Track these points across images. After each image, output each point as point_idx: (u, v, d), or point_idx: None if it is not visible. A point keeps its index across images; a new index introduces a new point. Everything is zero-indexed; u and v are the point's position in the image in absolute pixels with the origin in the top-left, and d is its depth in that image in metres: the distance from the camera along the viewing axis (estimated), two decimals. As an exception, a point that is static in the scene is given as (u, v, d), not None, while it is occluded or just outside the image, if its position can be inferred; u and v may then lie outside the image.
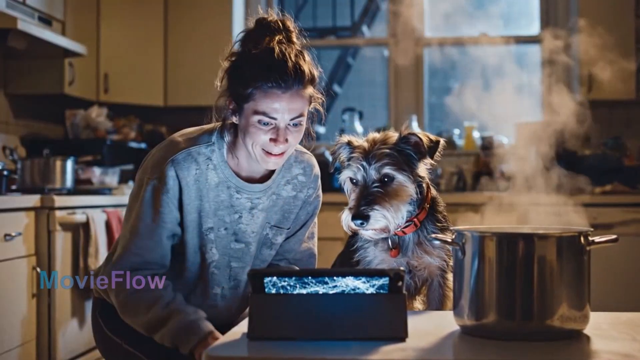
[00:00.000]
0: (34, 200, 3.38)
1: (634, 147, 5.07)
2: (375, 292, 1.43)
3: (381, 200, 1.76)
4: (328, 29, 6.66)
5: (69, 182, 3.94)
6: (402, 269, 1.45)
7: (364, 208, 1.74)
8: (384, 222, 1.76)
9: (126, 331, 1.93)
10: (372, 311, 1.42)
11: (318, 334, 1.41)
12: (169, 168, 1.86)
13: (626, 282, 4.33)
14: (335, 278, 1.42)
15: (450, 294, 1.83)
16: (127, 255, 1.87)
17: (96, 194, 4.13)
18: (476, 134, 5.32)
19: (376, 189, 1.77)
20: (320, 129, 1.71)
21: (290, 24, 1.88)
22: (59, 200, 3.48)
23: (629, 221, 4.39)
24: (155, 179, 1.87)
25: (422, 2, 5.51)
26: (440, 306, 1.90)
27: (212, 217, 1.93)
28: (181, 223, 1.92)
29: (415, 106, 5.47)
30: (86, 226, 3.66)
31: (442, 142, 1.85)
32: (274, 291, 1.43)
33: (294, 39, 1.87)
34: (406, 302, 1.44)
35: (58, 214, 3.46)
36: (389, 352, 1.34)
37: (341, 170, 1.87)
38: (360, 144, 1.85)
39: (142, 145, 5.08)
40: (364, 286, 1.42)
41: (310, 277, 1.43)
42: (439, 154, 1.85)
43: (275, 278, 1.43)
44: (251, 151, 1.86)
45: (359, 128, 5.41)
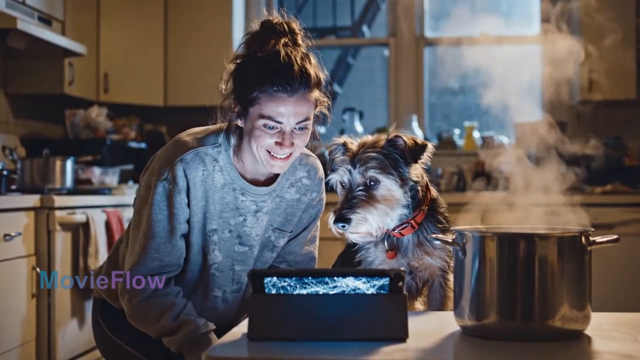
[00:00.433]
0: (33, 200, 3.38)
1: (635, 146, 5.06)
2: (375, 293, 1.42)
3: (364, 204, 1.75)
4: (328, 28, 6.66)
5: (68, 182, 3.93)
6: (402, 269, 1.45)
7: (345, 211, 1.75)
8: (365, 225, 1.76)
9: (126, 332, 1.93)
10: (373, 311, 1.41)
11: (318, 334, 1.40)
12: (178, 168, 1.85)
13: (626, 282, 4.33)
14: (336, 278, 1.42)
15: (451, 294, 1.83)
16: (145, 260, 1.85)
17: (96, 194, 4.12)
18: (476, 134, 5.32)
19: (360, 192, 1.77)
20: (320, 129, 1.71)
21: (296, 26, 1.86)
22: (59, 200, 3.47)
23: (629, 221, 4.39)
24: (165, 180, 1.84)
25: (422, 1, 5.52)
26: (441, 307, 1.89)
27: (216, 219, 1.91)
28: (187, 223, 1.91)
29: (415, 106, 5.47)
30: (86, 226, 3.65)
31: (429, 146, 1.83)
32: (274, 291, 1.43)
33: (300, 41, 1.85)
34: (407, 303, 1.44)
35: (58, 214, 3.46)
36: (389, 353, 1.33)
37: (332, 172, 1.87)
38: (351, 147, 1.84)
39: (142, 145, 5.07)
40: (364, 286, 1.42)
41: (311, 278, 1.42)
42: (428, 157, 1.83)
43: (275, 278, 1.43)
44: (256, 154, 1.84)
45: (359, 128, 5.40)
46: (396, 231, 1.85)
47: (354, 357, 1.31)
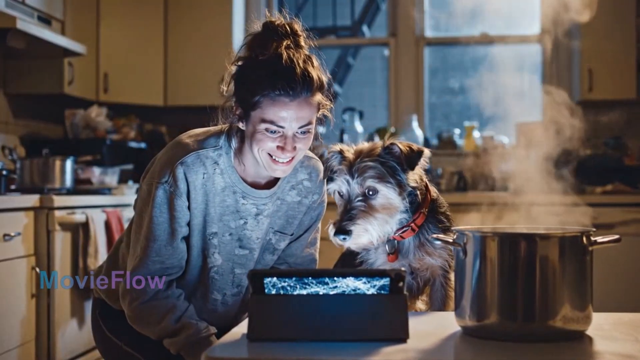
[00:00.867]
0: (33, 200, 3.37)
1: (635, 146, 5.06)
2: (376, 293, 1.42)
3: (364, 215, 1.74)
4: (328, 28, 6.66)
5: (68, 182, 3.93)
6: (403, 269, 1.44)
7: (346, 223, 1.73)
8: (366, 236, 1.75)
9: (126, 332, 1.93)
10: (373, 312, 1.41)
11: (318, 335, 1.40)
12: (178, 170, 1.83)
13: (627, 282, 4.33)
14: (336, 279, 1.42)
15: (453, 293, 1.82)
16: (147, 263, 1.84)
17: (96, 193, 4.12)
18: (476, 133, 5.31)
19: (360, 202, 1.76)
20: (320, 129, 1.70)
21: (298, 27, 1.83)
22: (59, 200, 3.47)
23: (629, 221, 4.38)
24: (166, 182, 1.83)
25: (422, 1, 5.51)
26: (443, 306, 1.89)
27: (216, 222, 1.90)
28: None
29: (415, 106, 5.47)
30: (86, 226, 3.65)
31: (425, 152, 1.82)
32: (274, 292, 1.42)
33: (302, 42, 1.82)
34: (407, 303, 1.43)
35: (57, 213, 3.45)
36: (390, 353, 1.33)
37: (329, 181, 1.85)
38: (348, 155, 1.82)
39: (142, 145, 5.07)
40: (364, 287, 1.42)
41: (311, 278, 1.42)
42: (424, 163, 1.82)
43: (275, 279, 1.42)
44: (258, 157, 1.83)
45: (359, 128, 5.40)
46: (397, 234, 1.84)
47: (354, 358, 1.31)
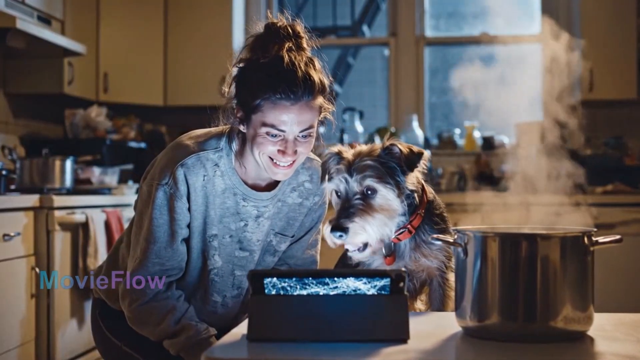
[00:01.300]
0: (33, 200, 3.37)
1: (635, 146, 5.06)
2: (376, 293, 1.41)
3: (362, 213, 1.70)
4: (328, 28, 6.66)
5: (68, 182, 3.93)
6: (403, 269, 1.44)
7: (343, 220, 1.69)
8: (364, 235, 1.70)
9: (126, 333, 1.92)
10: (374, 312, 1.40)
11: (318, 335, 1.39)
12: (179, 172, 1.82)
13: (627, 282, 4.32)
14: (336, 279, 1.41)
15: (451, 293, 1.82)
16: (147, 265, 1.83)
17: (95, 193, 4.12)
18: (477, 133, 5.31)
19: (358, 201, 1.72)
20: (321, 129, 1.69)
21: (300, 29, 1.82)
22: (58, 200, 3.46)
23: (630, 221, 4.38)
24: (166, 184, 1.83)
25: (422, 1, 5.51)
26: (441, 306, 1.88)
27: (216, 224, 1.90)
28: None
29: (415, 106, 5.46)
30: (85, 226, 3.65)
31: (425, 154, 1.80)
32: (274, 292, 1.42)
33: (304, 45, 1.81)
34: (408, 303, 1.43)
35: (57, 213, 3.45)
36: (390, 354, 1.32)
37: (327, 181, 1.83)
38: (346, 156, 1.79)
39: (142, 145, 5.06)
40: (365, 287, 1.41)
41: (311, 278, 1.41)
42: (424, 165, 1.81)
43: (275, 279, 1.42)
44: (259, 160, 1.82)
45: (359, 128, 5.40)
46: (394, 236, 1.83)
47: (354, 359, 1.30)
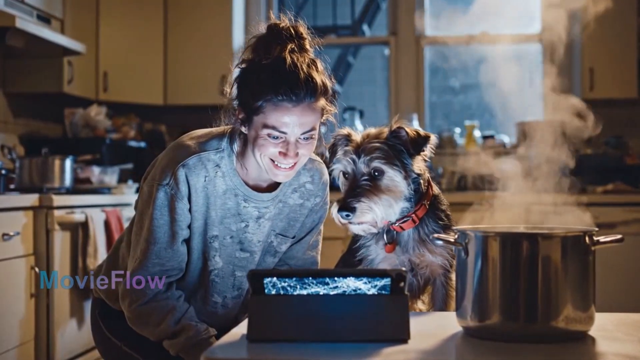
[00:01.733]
0: (32, 199, 3.36)
1: (636, 146, 5.05)
2: (377, 293, 1.41)
3: (369, 194, 1.75)
4: (328, 27, 6.65)
5: (67, 181, 3.92)
6: (404, 269, 1.43)
7: (350, 200, 1.74)
8: (370, 215, 1.75)
9: (125, 333, 1.92)
10: (374, 312, 1.40)
11: (319, 335, 1.39)
12: (180, 173, 1.82)
13: (628, 282, 4.32)
14: (336, 279, 1.41)
15: (454, 293, 1.81)
16: (147, 265, 1.83)
17: (95, 193, 4.11)
18: (477, 133, 5.30)
19: (365, 182, 1.76)
20: (322, 129, 1.69)
21: (303, 30, 1.81)
22: (58, 200, 3.46)
23: (630, 221, 4.37)
24: (167, 185, 1.82)
25: (422, 0, 5.50)
26: (444, 306, 1.88)
27: (217, 225, 1.89)
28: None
29: (416, 105, 5.46)
30: (85, 226, 3.64)
31: (432, 138, 1.83)
32: (273, 292, 1.41)
33: (307, 46, 1.80)
34: (408, 303, 1.42)
35: (57, 213, 3.44)
36: (391, 354, 1.32)
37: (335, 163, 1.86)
38: (355, 138, 1.84)
39: (142, 144, 5.06)
40: (365, 287, 1.41)
41: (311, 278, 1.41)
42: (431, 149, 1.84)
43: (275, 279, 1.41)
44: (260, 162, 1.81)
45: (359, 127, 5.39)
46: (397, 224, 1.83)
47: (354, 359, 1.30)
